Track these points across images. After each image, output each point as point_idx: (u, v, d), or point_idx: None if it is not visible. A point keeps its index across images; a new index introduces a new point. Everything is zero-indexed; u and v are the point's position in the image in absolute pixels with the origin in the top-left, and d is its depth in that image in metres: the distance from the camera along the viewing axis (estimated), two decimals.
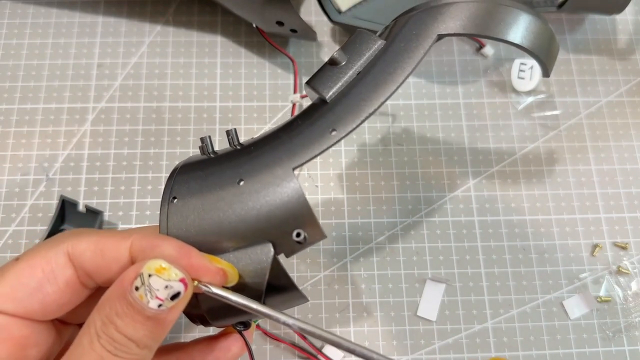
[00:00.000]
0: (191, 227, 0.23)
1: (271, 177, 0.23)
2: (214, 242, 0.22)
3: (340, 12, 0.44)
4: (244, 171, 0.23)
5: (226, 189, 0.23)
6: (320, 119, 0.25)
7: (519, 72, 0.44)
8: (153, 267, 0.20)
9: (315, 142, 0.24)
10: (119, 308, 0.20)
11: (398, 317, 0.39)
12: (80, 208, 0.39)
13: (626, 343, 0.38)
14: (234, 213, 0.23)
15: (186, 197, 0.23)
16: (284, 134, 0.25)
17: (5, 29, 0.46)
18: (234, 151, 0.25)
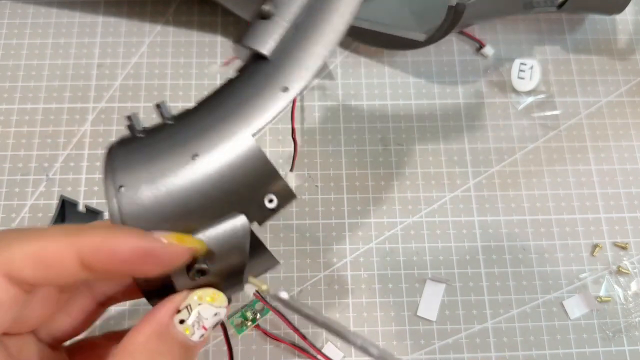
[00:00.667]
0: (151, 214, 0.21)
1: (230, 147, 0.22)
2: (181, 225, 0.21)
3: None
4: (196, 145, 0.22)
5: (182, 167, 0.21)
6: (267, 79, 0.23)
7: (519, 72, 0.44)
8: (206, 296, 0.19)
9: (268, 104, 0.23)
10: (158, 348, 0.19)
11: (398, 317, 0.39)
12: (80, 208, 0.39)
13: (626, 343, 0.38)
14: (197, 191, 0.21)
15: (135, 183, 0.21)
16: (230, 100, 0.23)
17: (5, 29, 0.46)
18: (174, 125, 0.23)
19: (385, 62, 0.46)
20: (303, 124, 0.43)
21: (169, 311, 0.19)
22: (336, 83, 0.45)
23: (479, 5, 0.37)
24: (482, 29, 0.47)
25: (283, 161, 0.42)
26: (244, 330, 0.37)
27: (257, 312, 0.38)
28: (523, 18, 0.47)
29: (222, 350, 0.38)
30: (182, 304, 0.19)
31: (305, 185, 0.42)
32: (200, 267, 0.20)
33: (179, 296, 0.20)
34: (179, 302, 0.19)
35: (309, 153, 0.43)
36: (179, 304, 0.19)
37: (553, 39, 0.47)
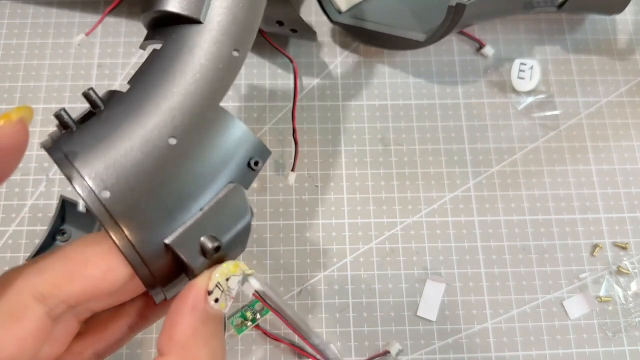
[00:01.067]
0: (150, 212, 0.19)
1: (205, 122, 0.21)
2: (181, 211, 0.20)
3: (340, 12, 0.44)
4: (168, 129, 0.20)
5: (162, 156, 0.20)
6: (214, 43, 0.22)
7: (519, 72, 0.44)
8: (229, 270, 0.19)
9: (225, 68, 0.22)
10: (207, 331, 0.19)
11: (398, 317, 0.39)
12: (80, 208, 0.39)
13: (626, 343, 0.38)
14: (188, 174, 0.20)
15: (119, 185, 0.19)
16: (183, 72, 0.22)
17: (5, 29, 0.46)
18: (125, 111, 0.21)
19: (385, 62, 0.46)
20: (303, 124, 0.43)
21: (201, 295, 0.19)
22: (336, 83, 0.45)
23: (479, 5, 0.37)
24: (482, 29, 0.47)
25: (283, 161, 0.42)
26: (243, 330, 0.37)
27: (256, 312, 0.38)
28: (523, 18, 0.47)
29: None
30: (210, 284, 0.19)
31: (305, 185, 0.42)
32: (214, 245, 0.20)
33: (202, 279, 0.19)
34: (205, 284, 0.19)
35: (309, 153, 0.43)
36: (207, 286, 0.19)
37: (553, 39, 0.47)
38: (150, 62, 0.23)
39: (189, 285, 0.19)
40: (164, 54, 0.23)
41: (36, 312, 0.18)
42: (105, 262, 0.19)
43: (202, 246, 0.20)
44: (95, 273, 0.19)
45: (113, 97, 0.22)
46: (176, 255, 0.19)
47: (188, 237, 0.20)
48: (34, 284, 0.18)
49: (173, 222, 0.20)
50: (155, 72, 0.22)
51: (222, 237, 0.20)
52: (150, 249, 0.19)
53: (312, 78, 0.45)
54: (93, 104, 0.21)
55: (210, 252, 0.20)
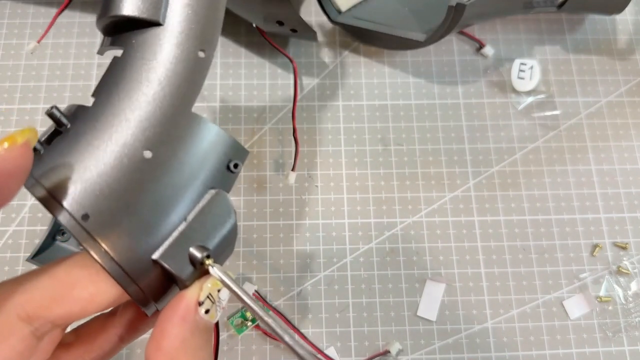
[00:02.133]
0: (133, 230, 0.19)
1: (179, 130, 0.20)
2: (165, 224, 0.19)
3: (340, 12, 0.44)
4: (142, 143, 0.20)
5: (139, 171, 0.19)
6: (177, 46, 0.21)
7: (519, 72, 0.44)
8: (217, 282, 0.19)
9: (192, 70, 0.21)
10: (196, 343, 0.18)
11: (398, 317, 0.39)
12: None
13: (626, 343, 0.38)
14: (168, 186, 0.20)
15: (98, 207, 0.19)
16: (149, 82, 0.21)
17: (5, 29, 0.46)
18: (94, 127, 0.20)
19: (385, 62, 0.46)
20: (303, 124, 0.43)
21: (192, 307, 0.19)
22: (336, 83, 0.45)
23: (479, 5, 0.37)
24: (482, 29, 0.47)
25: (283, 161, 0.42)
26: (244, 330, 0.37)
27: None
28: (523, 18, 0.47)
29: (223, 350, 0.38)
30: (202, 295, 0.19)
31: (305, 185, 0.42)
32: (204, 255, 0.19)
33: (193, 290, 0.19)
34: (196, 295, 0.19)
35: (309, 153, 0.43)
36: (197, 297, 0.19)
37: (553, 39, 0.47)
38: (112, 72, 0.22)
39: (180, 296, 0.19)
40: (126, 61, 0.22)
41: (22, 333, 0.18)
42: (93, 286, 0.19)
43: (191, 257, 0.19)
44: (83, 296, 0.18)
45: (78, 112, 0.20)
46: (165, 269, 0.19)
47: (175, 250, 0.19)
48: (21, 303, 0.18)
49: (158, 236, 0.19)
50: (119, 82, 0.21)
51: (209, 244, 0.20)
52: (138, 267, 0.19)
53: (312, 78, 0.45)
54: (58, 122, 0.20)
55: (199, 262, 0.19)
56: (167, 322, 0.19)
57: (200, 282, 0.19)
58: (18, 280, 0.19)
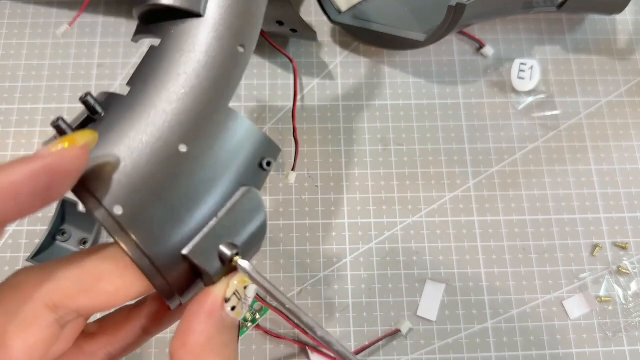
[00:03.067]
0: (165, 225, 0.19)
1: (215, 126, 0.20)
2: (196, 220, 0.19)
3: (340, 12, 0.44)
4: (178, 136, 0.19)
5: (173, 165, 0.19)
6: (217, 39, 0.21)
7: (519, 72, 0.44)
8: (246, 277, 0.19)
9: (231, 65, 0.21)
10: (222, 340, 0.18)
11: (398, 317, 0.39)
12: (80, 208, 0.39)
13: (626, 343, 0.38)
14: (201, 182, 0.19)
15: (131, 200, 0.18)
16: (187, 75, 0.20)
17: (5, 29, 0.46)
18: (129, 117, 0.20)
19: (385, 62, 0.46)
20: (303, 124, 0.43)
21: (219, 303, 0.19)
22: (336, 83, 0.45)
23: (479, 5, 0.37)
24: (482, 29, 0.47)
25: (283, 161, 0.42)
26: (244, 332, 0.37)
27: (256, 312, 0.38)
28: (523, 18, 0.47)
29: None
30: (228, 292, 0.19)
31: (305, 185, 0.42)
32: (233, 253, 0.19)
33: (220, 286, 0.19)
34: (223, 292, 0.19)
35: (309, 153, 0.43)
36: (224, 294, 0.19)
37: (553, 39, 0.47)
38: (149, 61, 0.21)
39: (206, 292, 0.19)
40: (164, 52, 0.21)
41: (47, 320, 0.18)
42: (120, 279, 0.19)
43: (220, 254, 0.19)
44: (109, 289, 0.18)
45: (112, 100, 0.20)
46: (194, 264, 0.19)
47: (205, 246, 0.19)
48: (47, 292, 0.18)
49: (188, 231, 0.19)
50: (156, 72, 0.21)
51: (238, 242, 0.20)
52: (167, 261, 0.19)
53: (312, 78, 0.45)
54: (92, 110, 0.20)
55: (228, 260, 0.19)
56: (193, 318, 0.18)
57: (227, 278, 0.19)
58: (46, 268, 0.19)
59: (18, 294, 0.18)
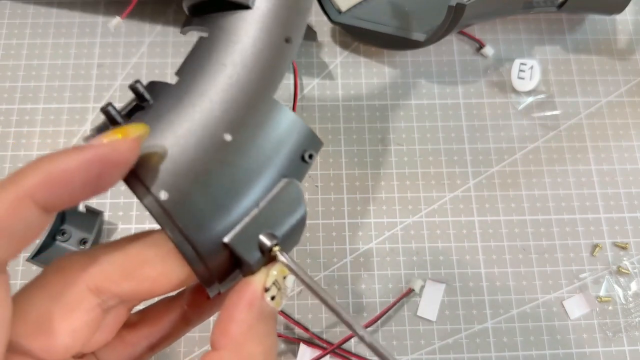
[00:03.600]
0: (207, 212, 0.19)
1: (260, 116, 0.20)
2: (238, 209, 0.19)
3: (340, 12, 0.44)
4: (223, 124, 0.20)
5: (218, 153, 0.19)
6: (265, 31, 0.21)
7: (519, 72, 0.44)
8: (285, 269, 0.19)
9: (277, 56, 0.21)
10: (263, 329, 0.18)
11: (398, 317, 0.39)
12: (80, 208, 0.39)
13: (626, 343, 0.38)
14: (244, 171, 0.20)
15: (177, 186, 0.19)
16: (234, 66, 0.21)
17: (5, 29, 0.46)
18: (177, 105, 0.20)
19: (385, 62, 0.46)
20: None
21: (259, 293, 0.19)
22: (336, 83, 0.45)
23: (479, 5, 0.37)
24: (482, 29, 0.47)
25: None
26: None
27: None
28: (523, 18, 0.47)
29: None
30: (268, 282, 0.19)
31: (305, 185, 0.42)
32: (273, 243, 0.19)
33: (260, 276, 0.19)
34: (263, 282, 0.19)
35: None
36: (264, 283, 0.19)
37: (553, 39, 0.47)
38: (198, 52, 0.22)
39: (246, 282, 0.19)
40: (212, 42, 0.22)
41: (90, 304, 0.18)
42: (163, 265, 0.19)
43: (260, 244, 0.19)
44: (152, 275, 0.19)
45: (160, 89, 0.21)
46: (233, 252, 0.19)
47: (246, 235, 0.19)
48: (91, 275, 0.18)
49: (230, 219, 0.19)
50: (204, 62, 0.21)
51: (278, 232, 0.20)
52: (209, 249, 0.19)
53: (312, 78, 0.45)
54: (141, 97, 0.20)
55: (268, 250, 0.19)
56: (234, 307, 0.19)
57: (267, 268, 0.19)
58: (89, 254, 0.19)
59: (62, 277, 0.18)
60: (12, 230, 0.16)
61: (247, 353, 0.18)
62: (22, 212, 0.16)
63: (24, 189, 0.16)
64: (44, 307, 0.18)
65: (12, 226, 0.16)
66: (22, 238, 0.16)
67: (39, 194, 0.16)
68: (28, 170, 0.16)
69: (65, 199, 0.16)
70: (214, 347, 0.18)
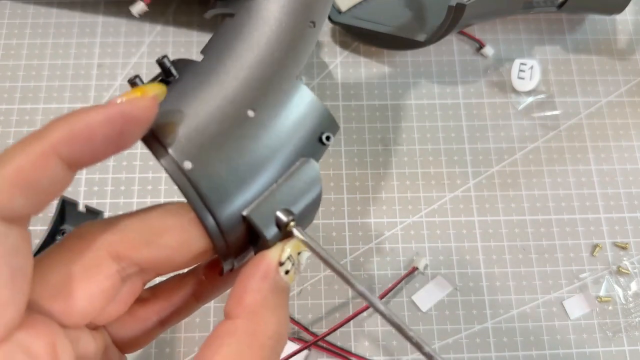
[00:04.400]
0: (229, 184, 0.19)
1: (282, 95, 0.21)
2: (258, 183, 0.20)
3: (340, 12, 0.44)
4: (247, 101, 0.20)
5: (241, 127, 0.20)
6: (290, 14, 0.22)
7: (519, 72, 0.44)
8: (300, 243, 0.20)
9: (301, 39, 0.22)
10: (276, 301, 0.19)
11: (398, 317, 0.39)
12: (80, 208, 0.39)
13: (626, 343, 0.38)
14: (265, 147, 0.20)
15: (201, 157, 0.19)
16: (259, 46, 0.22)
17: (5, 29, 0.46)
18: (203, 81, 0.21)
19: (385, 62, 0.46)
20: None
21: (273, 265, 0.19)
22: (336, 83, 0.45)
23: (479, 5, 0.37)
24: (482, 29, 0.47)
25: None
26: None
27: None
28: (523, 18, 0.47)
29: None
30: (283, 256, 0.19)
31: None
32: (289, 219, 0.20)
33: (275, 250, 0.20)
34: (278, 256, 0.19)
35: None
36: (279, 258, 0.19)
37: (553, 39, 0.47)
38: (224, 32, 0.22)
39: (261, 255, 0.19)
40: (238, 24, 0.23)
41: (109, 270, 0.18)
42: (183, 234, 0.19)
43: (277, 220, 0.20)
44: (172, 243, 0.19)
45: (186, 66, 0.21)
46: (251, 226, 0.20)
47: (264, 210, 0.20)
48: (112, 241, 0.19)
49: (249, 194, 0.20)
50: (230, 42, 0.22)
51: (294, 210, 0.20)
52: (230, 221, 0.19)
53: (312, 78, 0.45)
54: (167, 72, 0.20)
55: (284, 225, 0.20)
56: (249, 279, 0.19)
57: (282, 243, 0.20)
58: (110, 221, 0.19)
59: (83, 242, 0.19)
60: (38, 184, 0.16)
61: (261, 322, 0.18)
62: (47, 166, 0.16)
63: (49, 143, 0.16)
64: (64, 270, 0.18)
65: (37, 180, 0.16)
66: (47, 193, 0.17)
67: (64, 149, 0.16)
68: (52, 126, 0.16)
69: (89, 154, 0.17)
70: (228, 316, 0.19)
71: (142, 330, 0.21)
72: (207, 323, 0.38)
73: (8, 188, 0.15)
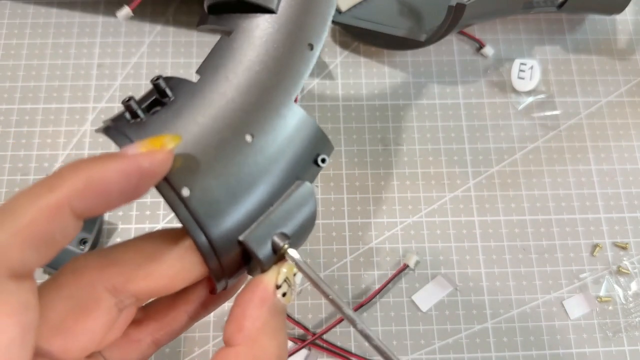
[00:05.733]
0: (227, 210, 0.19)
1: (280, 119, 0.21)
2: (254, 208, 0.20)
3: (340, 12, 0.44)
4: (245, 126, 0.20)
5: (239, 153, 0.20)
6: (288, 36, 0.22)
7: (519, 72, 0.44)
8: (292, 267, 0.20)
9: (300, 62, 0.22)
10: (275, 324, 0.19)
11: (398, 317, 0.39)
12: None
13: (626, 343, 0.38)
14: (262, 172, 0.20)
15: (198, 183, 0.19)
16: (257, 69, 0.21)
17: (5, 29, 0.46)
18: (199, 103, 0.20)
19: (385, 62, 0.46)
20: None
21: (271, 290, 0.19)
22: (336, 83, 0.45)
23: (479, 5, 0.37)
24: (482, 29, 0.47)
25: None
26: None
27: None
28: (523, 18, 0.47)
29: None
30: (279, 279, 0.20)
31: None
32: (286, 243, 0.20)
33: (272, 273, 0.20)
34: (274, 279, 0.19)
35: None
36: (275, 281, 0.19)
37: (553, 39, 0.47)
38: (220, 52, 0.22)
39: (258, 279, 0.19)
40: (236, 44, 0.22)
41: (108, 304, 0.18)
42: (180, 263, 0.19)
43: (273, 243, 0.20)
44: (169, 273, 0.19)
45: (181, 86, 0.21)
46: (247, 250, 0.20)
47: (260, 234, 0.20)
48: (108, 276, 0.18)
49: (247, 218, 0.20)
50: (227, 63, 0.22)
51: (290, 232, 0.20)
52: (226, 247, 0.19)
53: (312, 78, 0.45)
54: (162, 93, 0.20)
55: (280, 249, 0.20)
56: (247, 304, 0.19)
57: (278, 266, 0.20)
58: (104, 253, 0.19)
59: (78, 278, 0.18)
60: (49, 237, 0.16)
61: (262, 347, 0.18)
62: (59, 219, 0.16)
63: (63, 195, 0.16)
64: (61, 308, 0.18)
65: (48, 233, 0.16)
66: (56, 245, 0.16)
67: (77, 202, 0.16)
68: (67, 176, 0.16)
69: (102, 206, 0.17)
70: (229, 344, 0.19)
71: (136, 351, 0.21)
72: (207, 323, 0.38)
73: (20, 244, 0.15)
